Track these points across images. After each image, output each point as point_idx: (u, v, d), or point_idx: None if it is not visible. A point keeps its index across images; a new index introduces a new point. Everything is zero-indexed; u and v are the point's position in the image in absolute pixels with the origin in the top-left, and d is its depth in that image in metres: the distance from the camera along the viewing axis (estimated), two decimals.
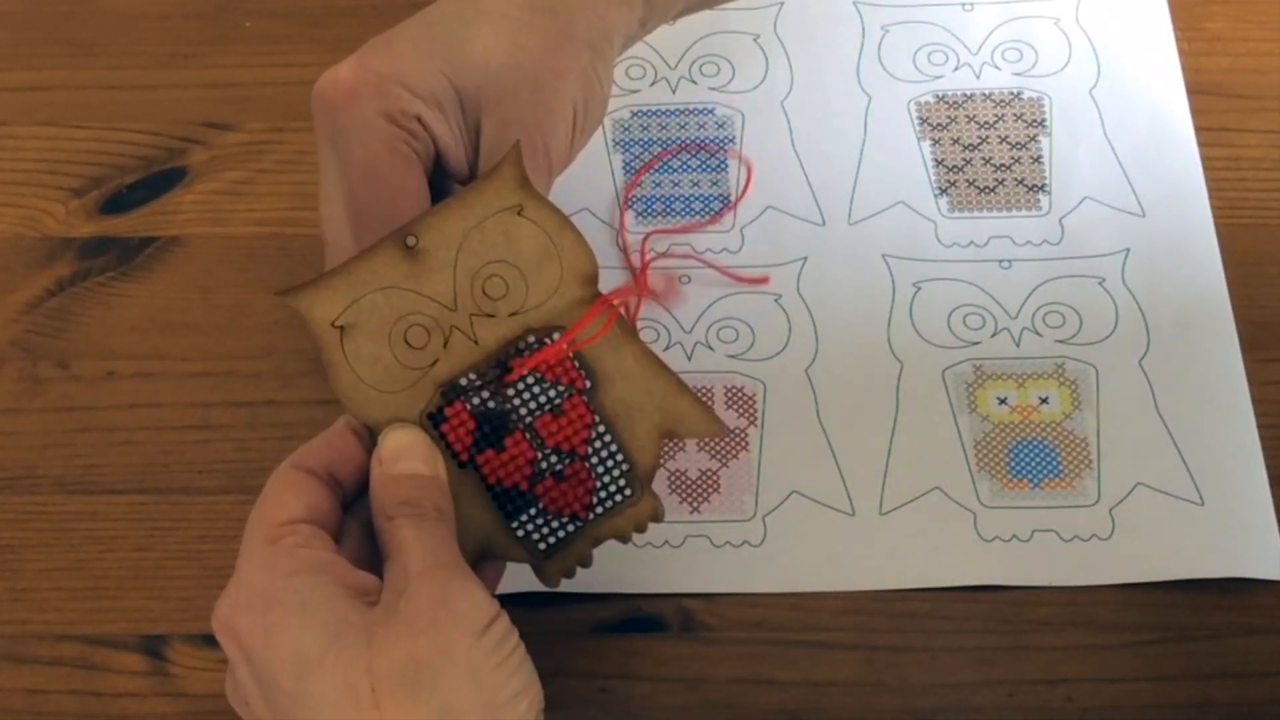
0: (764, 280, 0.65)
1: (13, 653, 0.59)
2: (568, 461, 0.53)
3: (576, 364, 0.53)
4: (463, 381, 0.52)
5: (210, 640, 0.58)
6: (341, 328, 0.52)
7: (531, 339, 0.52)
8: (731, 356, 0.64)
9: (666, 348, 0.64)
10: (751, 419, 0.63)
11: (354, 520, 0.51)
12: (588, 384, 0.53)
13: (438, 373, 0.52)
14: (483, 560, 0.53)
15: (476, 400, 0.52)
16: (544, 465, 0.53)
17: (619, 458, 0.53)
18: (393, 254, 0.51)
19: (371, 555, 0.50)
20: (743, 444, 0.62)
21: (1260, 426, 0.62)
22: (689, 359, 0.64)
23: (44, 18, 0.74)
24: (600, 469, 0.53)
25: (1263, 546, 0.59)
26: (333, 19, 0.74)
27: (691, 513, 0.61)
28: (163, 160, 0.70)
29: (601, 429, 0.53)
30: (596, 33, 0.56)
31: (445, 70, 0.54)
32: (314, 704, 0.45)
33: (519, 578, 0.55)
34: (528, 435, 0.53)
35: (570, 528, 0.53)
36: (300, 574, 0.47)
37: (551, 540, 0.53)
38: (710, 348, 0.65)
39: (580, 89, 0.56)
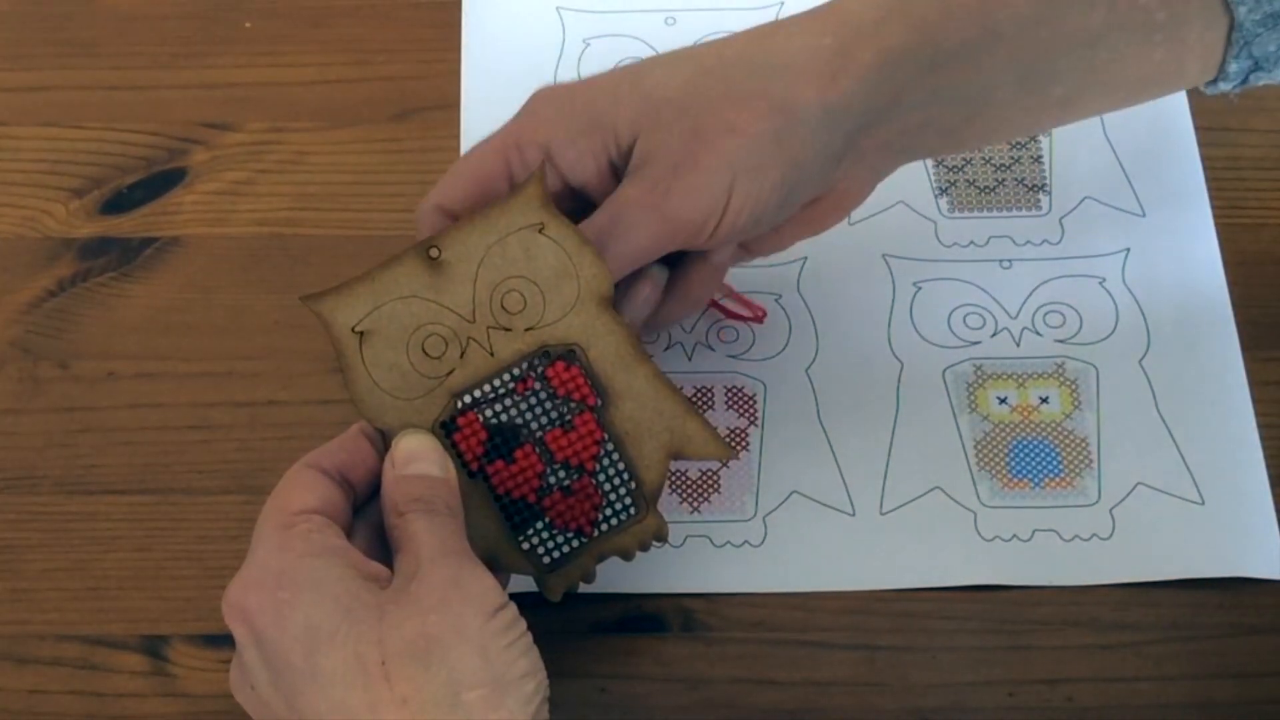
0: (760, 316, 0.64)
1: (13, 653, 0.59)
2: (575, 477, 0.53)
3: (588, 381, 0.53)
4: (477, 393, 0.53)
5: (211, 640, 0.58)
6: (361, 334, 0.52)
7: (546, 355, 0.53)
8: (731, 356, 0.64)
9: (666, 348, 0.64)
10: (751, 419, 0.63)
11: (363, 522, 0.52)
12: (598, 401, 0.53)
13: (453, 382, 0.53)
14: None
15: (489, 412, 0.53)
16: (552, 480, 0.53)
17: (626, 476, 0.53)
18: (416, 264, 0.52)
19: (380, 556, 0.50)
20: (743, 444, 0.62)
21: (1260, 426, 0.62)
22: (689, 359, 0.64)
23: (44, 18, 0.74)
24: (607, 486, 0.53)
25: (1263, 546, 0.59)
26: (333, 19, 0.74)
27: (692, 513, 0.61)
28: (163, 160, 0.70)
29: (610, 447, 0.53)
30: (803, 102, 0.51)
31: (612, 96, 0.53)
32: (324, 679, 0.46)
33: (518, 577, 0.55)
34: (538, 449, 0.53)
35: (575, 543, 0.54)
36: (313, 556, 0.48)
37: (556, 555, 0.54)
38: (710, 348, 0.64)
39: (749, 156, 0.51)
